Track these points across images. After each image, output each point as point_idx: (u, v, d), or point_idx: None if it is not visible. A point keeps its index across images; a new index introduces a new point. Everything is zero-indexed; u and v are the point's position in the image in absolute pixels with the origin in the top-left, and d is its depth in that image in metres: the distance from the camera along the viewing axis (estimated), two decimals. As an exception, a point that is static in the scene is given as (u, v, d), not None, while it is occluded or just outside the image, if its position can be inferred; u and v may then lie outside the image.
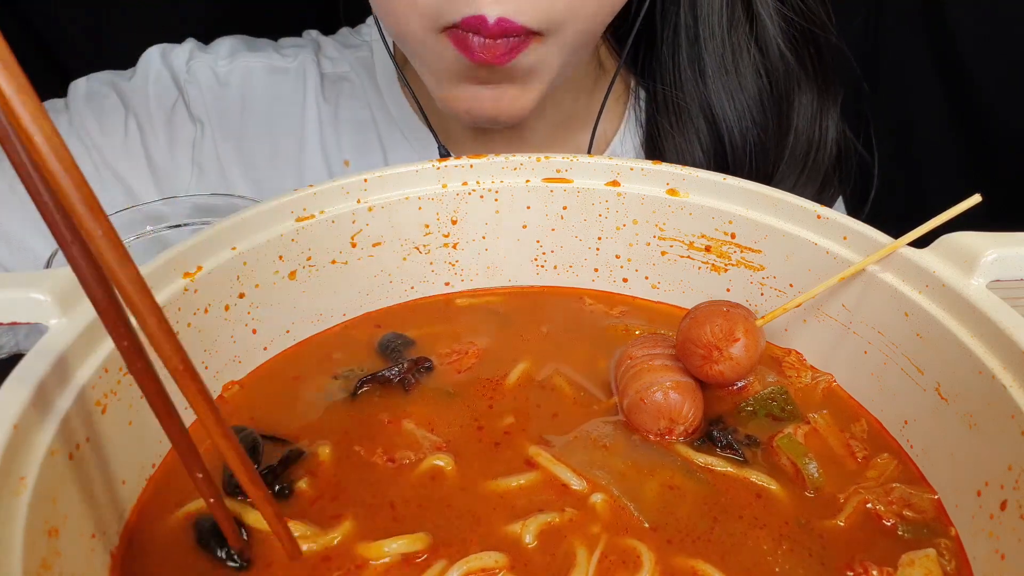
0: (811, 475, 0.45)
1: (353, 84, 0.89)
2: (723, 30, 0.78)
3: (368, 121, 0.88)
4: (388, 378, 0.51)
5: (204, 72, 0.86)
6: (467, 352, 0.54)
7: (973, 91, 1.17)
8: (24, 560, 0.31)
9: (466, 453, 0.46)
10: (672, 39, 0.80)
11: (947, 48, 1.17)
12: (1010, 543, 0.38)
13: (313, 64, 0.89)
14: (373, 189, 0.56)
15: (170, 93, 0.86)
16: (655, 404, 0.47)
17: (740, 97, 0.80)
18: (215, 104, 0.86)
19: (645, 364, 0.49)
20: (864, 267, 0.49)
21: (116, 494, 0.41)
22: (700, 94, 0.80)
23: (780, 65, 0.80)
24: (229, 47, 0.89)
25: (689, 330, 0.49)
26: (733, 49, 0.79)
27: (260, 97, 0.87)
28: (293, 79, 0.88)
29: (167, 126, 0.85)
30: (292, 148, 0.87)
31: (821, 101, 0.82)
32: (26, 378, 0.35)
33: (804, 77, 0.81)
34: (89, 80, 0.86)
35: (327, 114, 0.88)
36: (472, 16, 0.61)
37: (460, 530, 0.41)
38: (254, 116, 0.87)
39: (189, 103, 0.85)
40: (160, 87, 0.85)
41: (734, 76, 0.79)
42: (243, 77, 0.87)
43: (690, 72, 0.80)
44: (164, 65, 0.86)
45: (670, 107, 0.82)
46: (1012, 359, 0.40)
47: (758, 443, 0.47)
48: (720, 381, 0.49)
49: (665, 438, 0.47)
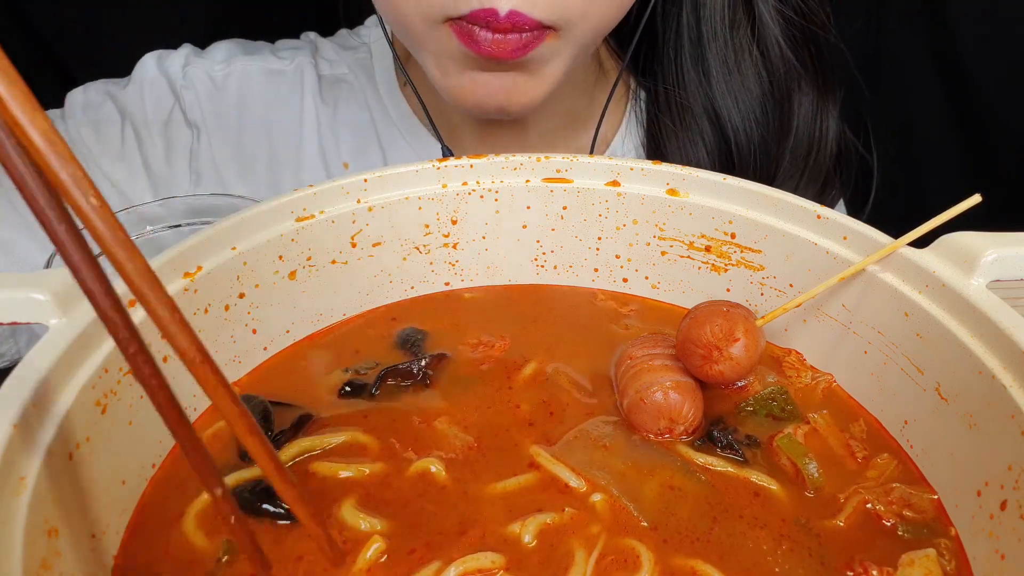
0: (811, 475, 0.45)
1: (352, 86, 0.88)
2: (725, 30, 0.78)
3: (367, 123, 0.87)
4: (412, 372, 0.51)
5: (200, 77, 0.86)
6: (491, 345, 0.55)
7: (973, 91, 1.17)
8: (24, 560, 0.31)
9: (466, 456, 0.46)
10: (675, 40, 0.80)
11: (947, 48, 1.17)
12: (1010, 543, 0.38)
13: (311, 66, 0.89)
14: (373, 189, 0.56)
15: (166, 100, 0.85)
16: (655, 404, 0.47)
17: (744, 97, 0.80)
18: (212, 108, 0.86)
19: (645, 364, 0.49)
20: (864, 267, 0.49)
21: (116, 494, 0.41)
22: (704, 94, 0.80)
23: (780, 65, 0.80)
24: (225, 51, 0.89)
25: (689, 330, 0.49)
26: (735, 49, 0.79)
27: (257, 100, 0.87)
28: (290, 81, 0.88)
29: (164, 133, 0.85)
30: (290, 151, 0.87)
31: (821, 101, 0.82)
32: (26, 378, 0.35)
33: (804, 77, 0.81)
34: (86, 90, 0.86)
35: (325, 116, 0.87)
36: (481, 9, 0.60)
37: (457, 529, 0.41)
38: (251, 120, 0.87)
39: (185, 109, 0.85)
40: (156, 94, 0.85)
41: (737, 76, 0.79)
42: (240, 81, 0.87)
43: (693, 73, 0.80)
44: (160, 72, 0.86)
45: (673, 108, 0.82)
46: (1012, 359, 0.40)
47: (758, 443, 0.47)
48: (720, 381, 0.49)
49: (665, 438, 0.47)
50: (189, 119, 0.85)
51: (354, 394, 0.50)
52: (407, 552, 0.40)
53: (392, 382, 0.51)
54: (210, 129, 0.86)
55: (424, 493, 0.43)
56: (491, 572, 0.39)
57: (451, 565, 0.39)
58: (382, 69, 0.88)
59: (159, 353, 0.44)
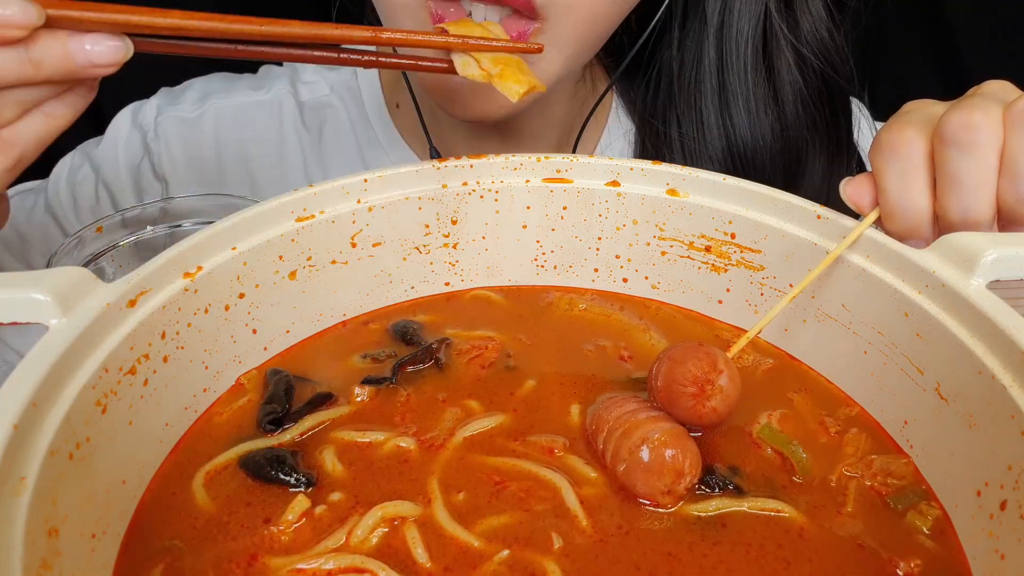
0: (800, 460, 0.46)
1: (336, 109, 0.87)
2: (749, 72, 0.75)
3: (352, 146, 0.87)
4: (424, 357, 0.53)
5: (171, 125, 0.86)
6: (485, 347, 0.55)
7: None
8: (24, 560, 0.31)
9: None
10: (694, 80, 0.77)
11: (948, 49, 1.17)
12: (1010, 543, 0.39)
13: (289, 95, 0.88)
14: (373, 189, 0.56)
15: (137, 154, 0.86)
16: (659, 458, 0.43)
17: (763, 145, 0.77)
18: (184, 155, 0.86)
19: (630, 420, 0.45)
20: (840, 253, 0.50)
21: (116, 494, 0.41)
22: (727, 140, 0.77)
23: (794, 114, 0.77)
24: (199, 91, 0.89)
25: (672, 372, 0.46)
26: (756, 96, 0.76)
27: (232, 137, 0.87)
28: (267, 113, 0.87)
29: (135, 187, 0.86)
30: (274, 182, 0.86)
31: (836, 158, 0.80)
32: (26, 378, 0.35)
33: (815, 129, 0.78)
34: (72, 155, 0.88)
35: (309, 143, 0.87)
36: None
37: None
38: (230, 156, 0.86)
39: (154, 163, 0.86)
40: (129, 150, 0.86)
41: (757, 123, 0.77)
42: (214, 121, 0.87)
43: (714, 116, 0.77)
44: (134, 126, 0.87)
45: (686, 152, 0.79)
46: (1012, 359, 0.40)
47: (738, 469, 0.46)
48: (713, 419, 0.46)
49: (665, 497, 0.43)
50: (157, 173, 0.86)
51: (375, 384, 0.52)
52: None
53: (411, 369, 0.53)
54: (181, 177, 0.86)
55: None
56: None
57: (373, 508, 0.41)
58: (369, 90, 0.87)
59: (159, 353, 0.45)
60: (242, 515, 0.42)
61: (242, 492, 0.43)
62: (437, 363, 0.53)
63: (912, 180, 0.47)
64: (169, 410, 0.46)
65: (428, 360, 0.53)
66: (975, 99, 0.46)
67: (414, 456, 0.46)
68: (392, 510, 0.42)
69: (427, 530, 0.41)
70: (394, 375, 0.52)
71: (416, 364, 0.53)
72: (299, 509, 0.42)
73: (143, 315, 0.43)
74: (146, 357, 0.43)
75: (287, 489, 0.43)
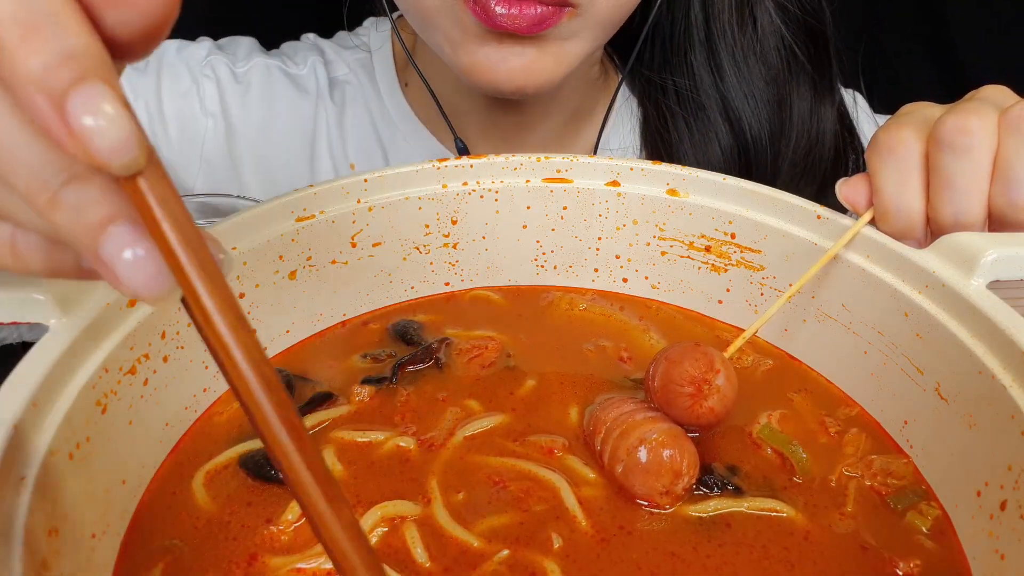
0: (800, 460, 0.46)
1: (353, 87, 0.89)
2: (733, 28, 0.78)
3: (367, 123, 0.88)
4: (424, 356, 0.53)
5: (222, 69, 0.86)
6: (485, 347, 0.55)
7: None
8: (24, 560, 0.31)
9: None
10: (684, 39, 0.80)
11: (947, 48, 1.17)
12: (1010, 543, 0.39)
13: (322, 68, 0.89)
14: (373, 189, 0.56)
15: (183, 86, 0.85)
16: (657, 458, 0.43)
17: (754, 96, 0.79)
18: (231, 102, 0.85)
19: (628, 421, 0.45)
20: (836, 253, 0.50)
21: (116, 494, 0.41)
22: (719, 94, 0.80)
23: (780, 64, 0.79)
24: (247, 47, 0.89)
25: (669, 373, 0.46)
26: (743, 48, 0.79)
27: (278, 99, 0.87)
28: (305, 83, 0.88)
29: (178, 118, 0.84)
30: (305, 151, 0.87)
31: (817, 100, 0.82)
32: (26, 378, 0.35)
33: (800, 70, 0.81)
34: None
35: (333, 117, 0.88)
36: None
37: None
38: (270, 117, 0.86)
39: (203, 97, 0.85)
40: (172, 79, 0.85)
41: (746, 74, 0.79)
42: (262, 77, 0.87)
43: (706, 73, 0.79)
44: (179, 58, 0.86)
45: (688, 109, 0.81)
46: (1012, 359, 0.40)
47: (737, 469, 0.46)
48: (710, 419, 0.46)
49: (663, 497, 0.43)
50: (206, 108, 0.85)
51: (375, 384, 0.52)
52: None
53: (411, 368, 0.53)
54: (229, 121, 0.85)
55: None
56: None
57: (373, 507, 0.41)
58: (383, 69, 0.89)
59: (159, 353, 0.45)
60: (242, 515, 0.42)
61: (242, 492, 0.43)
62: (437, 363, 0.53)
63: (907, 181, 0.47)
64: (169, 410, 0.46)
65: (428, 360, 0.53)
66: (972, 103, 0.47)
67: (414, 456, 0.46)
68: (392, 510, 0.42)
69: (427, 530, 0.41)
70: (394, 375, 0.52)
71: (416, 364, 0.53)
72: (299, 509, 0.42)
73: (143, 315, 0.43)
74: (146, 357, 0.43)
75: (287, 489, 0.43)
